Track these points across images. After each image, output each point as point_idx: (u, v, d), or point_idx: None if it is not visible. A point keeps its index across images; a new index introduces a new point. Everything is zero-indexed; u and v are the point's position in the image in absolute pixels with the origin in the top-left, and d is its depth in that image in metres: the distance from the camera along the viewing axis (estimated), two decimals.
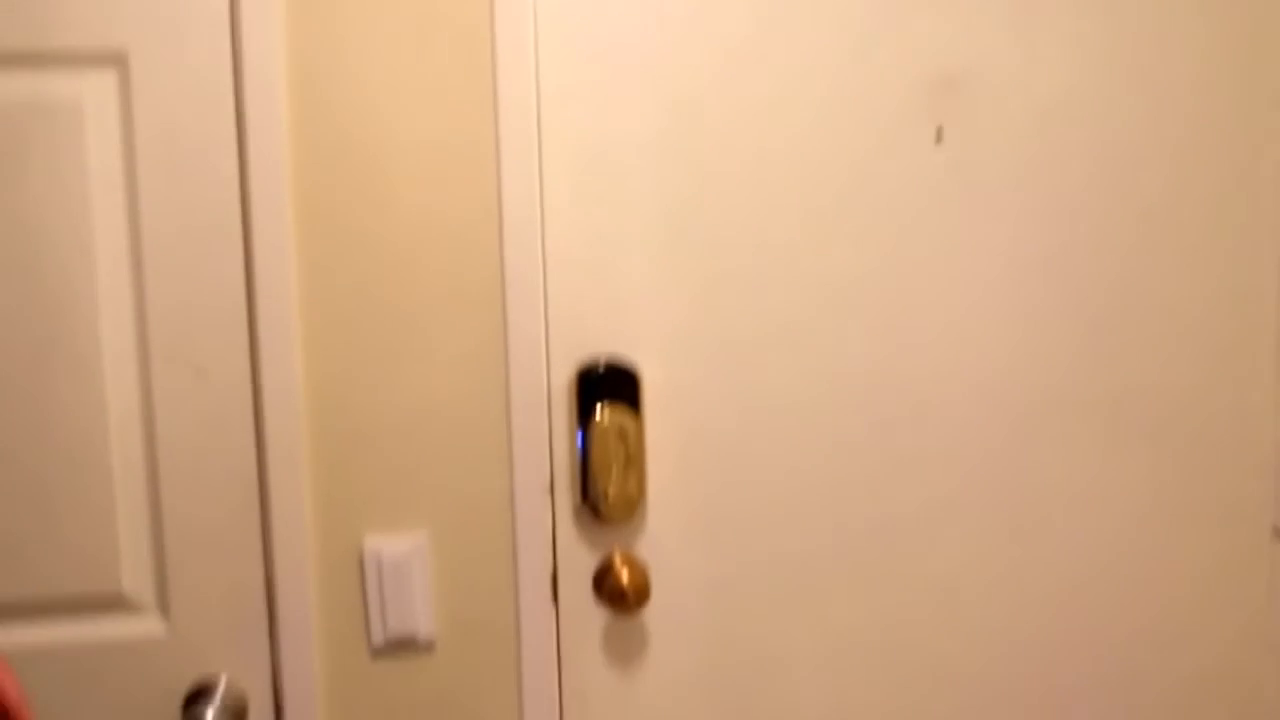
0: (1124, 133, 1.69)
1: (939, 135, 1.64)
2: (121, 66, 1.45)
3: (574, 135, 1.57)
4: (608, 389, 1.60)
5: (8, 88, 1.44)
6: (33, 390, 1.48)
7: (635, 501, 1.61)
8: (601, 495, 1.60)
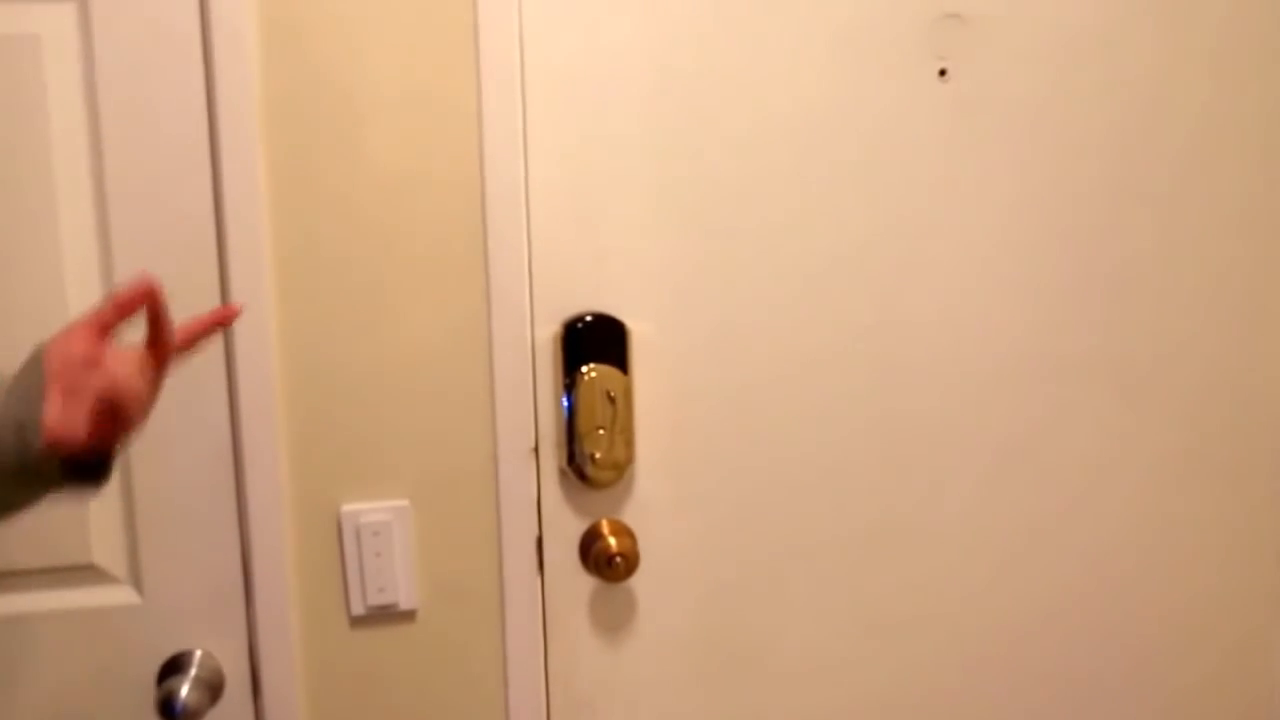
0: (1139, 72, 1.65)
1: (943, 74, 1.60)
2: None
3: (560, 82, 1.52)
4: (595, 347, 1.55)
5: None
6: None
7: (623, 465, 1.57)
8: (588, 458, 1.56)
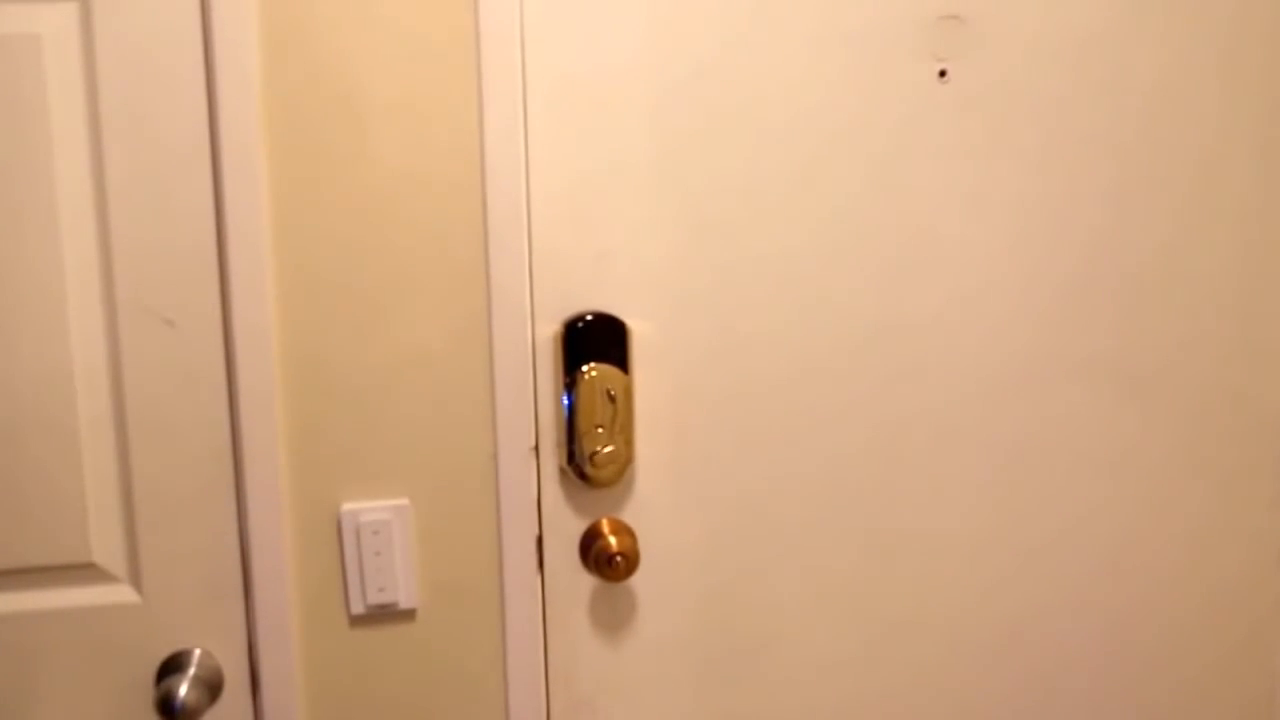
0: (1139, 72, 1.64)
1: (943, 75, 1.60)
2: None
3: (560, 82, 1.51)
4: (595, 346, 1.55)
5: None
6: None
7: (624, 463, 1.57)
8: (588, 457, 1.55)
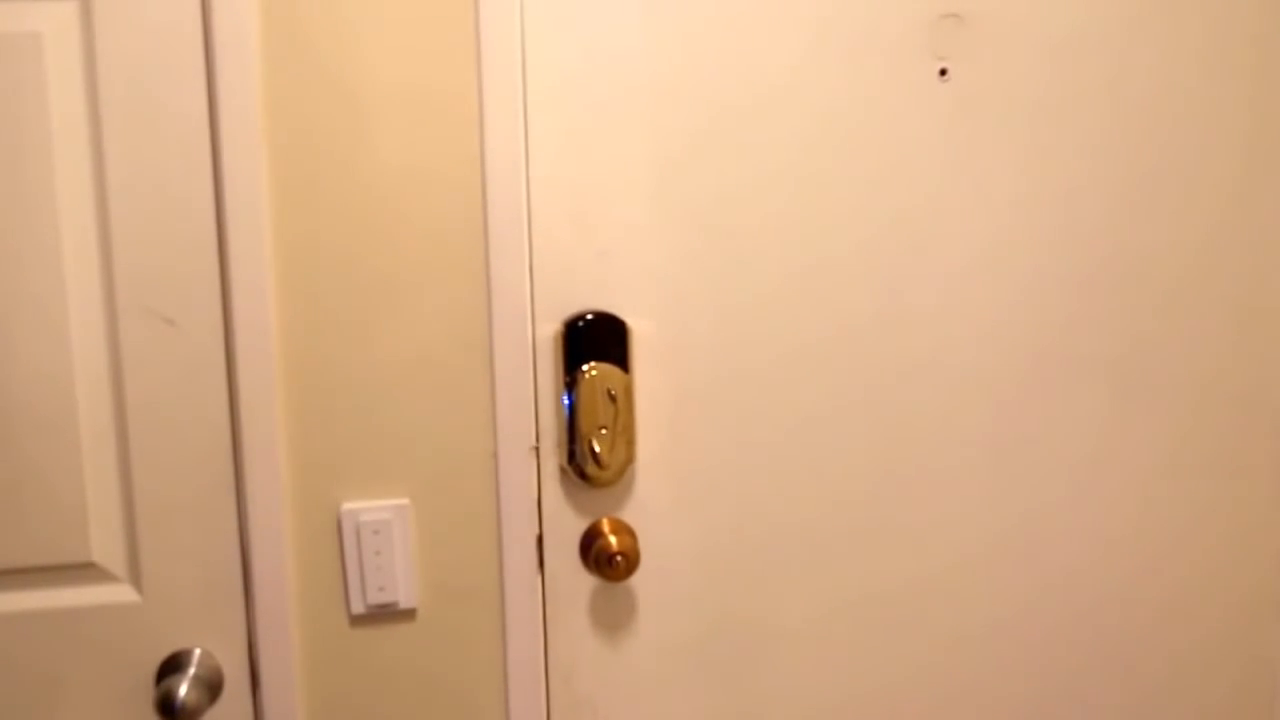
0: (1137, 69, 1.64)
1: (944, 74, 1.59)
2: None
3: (560, 80, 1.51)
4: (595, 346, 1.55)
5: None
6: None
7: (624, 463, 1.57)
8: (589, 457, 1.55)
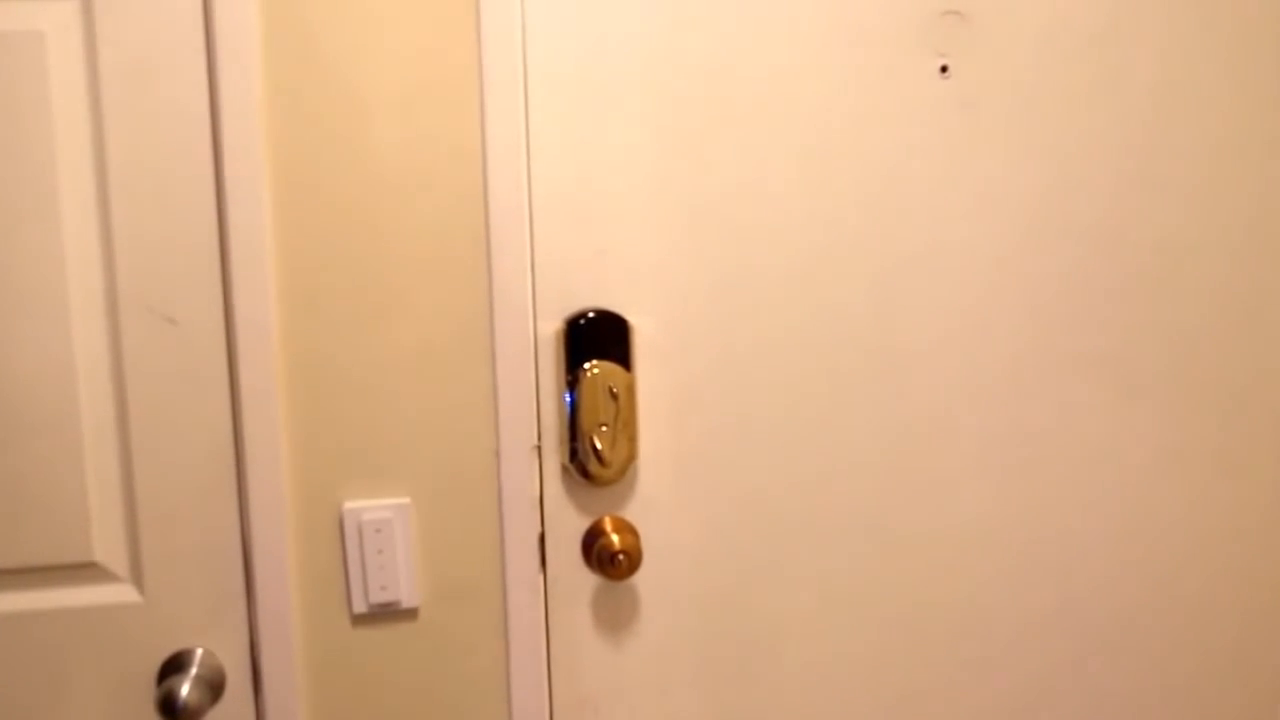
0: (1139, 67, 1.64)
1: (944, 71, 1.59)
2: None
3: (562, 79, 1.51)
4: (597, 344, 1.54)
5: None
6: None
7: (626, 461, 1.56)
8: (591, 455, 1.55)
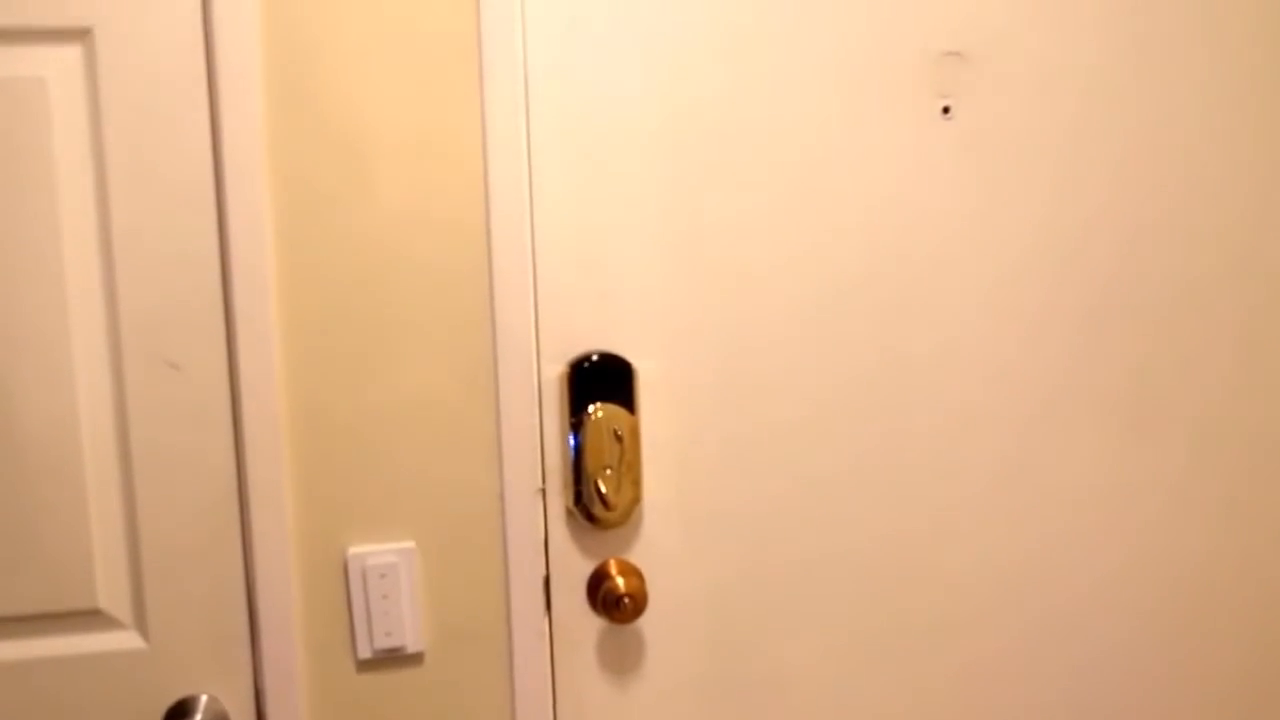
0: (1139, 105, 1.65)
1: (946, 111, 1.60)
2: (87, 41, 1.39)
3: (564, 123, 1.52)
4: (601, 387, 1.54)
5: None
6: None
7: (631, 504, 1.56)
8: (595, 498, 1.54)
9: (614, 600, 1.55)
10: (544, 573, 1.56)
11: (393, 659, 1.53)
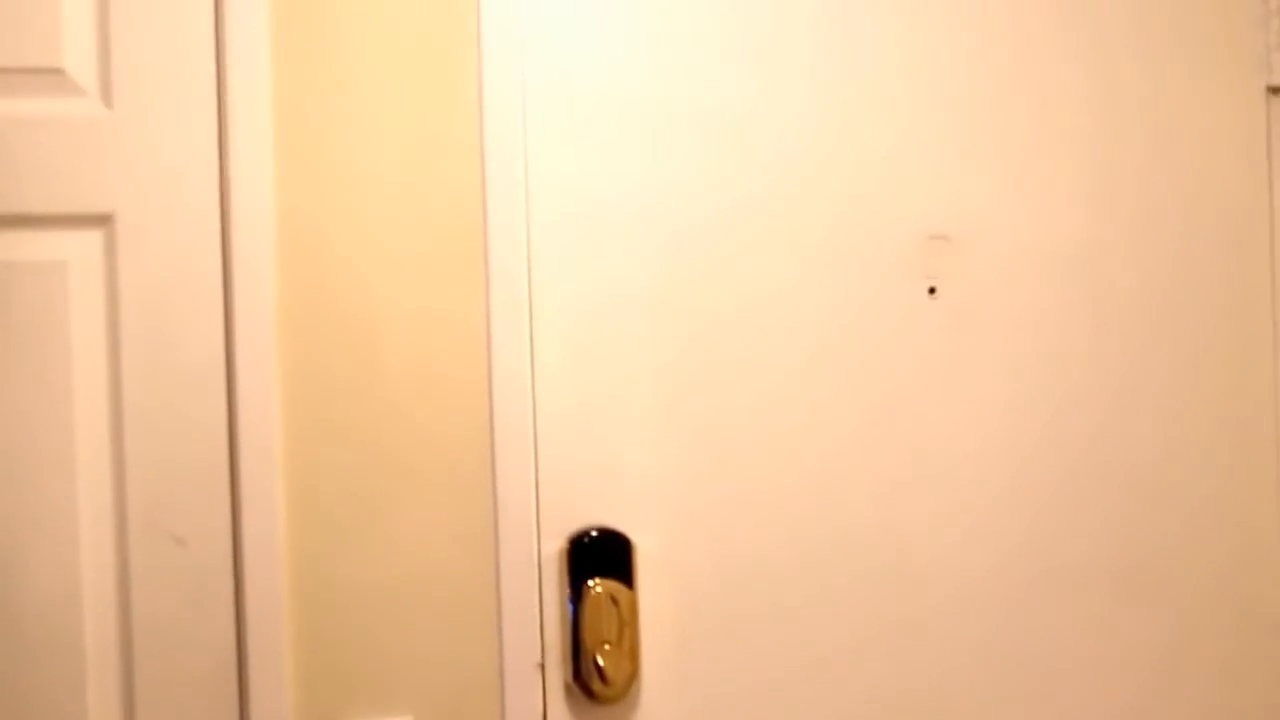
0: (1121, 283, 1.71)
1: (933, 292, 1.65)
2: (108, 227, 1.43)
3: (565, 300, 1.56)
4: (600, 561, 1.56)
5: None
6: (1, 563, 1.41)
7: (629, 679, 1.56)
8: (594, 673, 1.54)
9: None
10: None
11: None
